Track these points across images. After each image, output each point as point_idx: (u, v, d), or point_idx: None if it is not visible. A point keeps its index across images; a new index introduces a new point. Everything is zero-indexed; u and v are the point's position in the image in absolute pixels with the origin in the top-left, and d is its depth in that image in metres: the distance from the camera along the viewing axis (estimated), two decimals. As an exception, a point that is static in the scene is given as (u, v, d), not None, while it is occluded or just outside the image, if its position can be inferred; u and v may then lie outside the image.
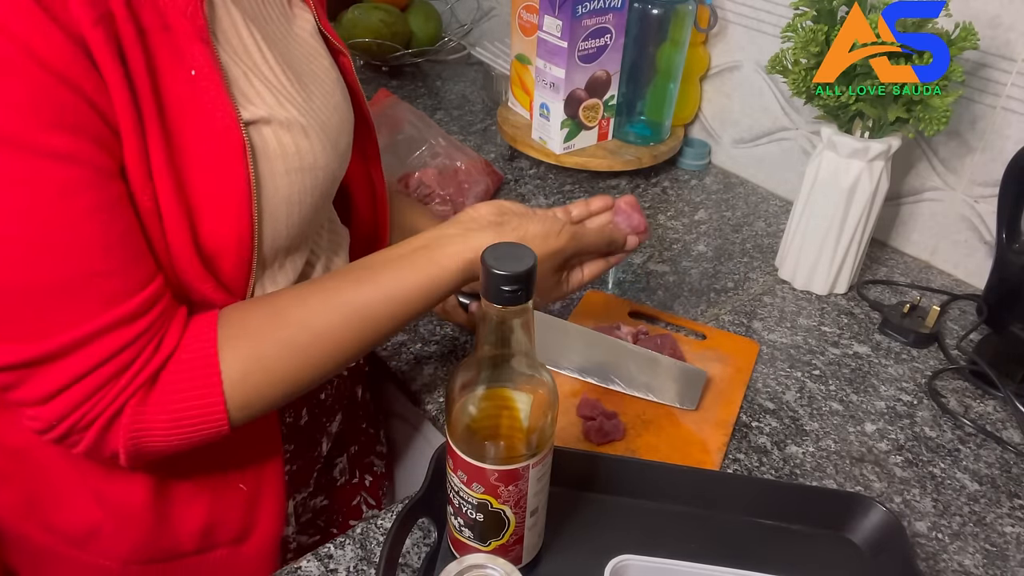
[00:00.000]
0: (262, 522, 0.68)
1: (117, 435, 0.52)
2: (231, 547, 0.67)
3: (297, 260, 0.64)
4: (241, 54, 0.56)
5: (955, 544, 0.65)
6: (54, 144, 0.46)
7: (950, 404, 0.79)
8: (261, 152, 0.56)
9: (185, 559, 0.66)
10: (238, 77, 0.55)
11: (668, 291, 0.93)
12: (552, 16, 1.02)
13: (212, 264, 0.56)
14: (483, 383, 0.51)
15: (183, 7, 0.51)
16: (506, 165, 1.20)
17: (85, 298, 0.49)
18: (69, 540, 0.65)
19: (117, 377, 0.51)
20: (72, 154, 0.47)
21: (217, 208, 0.54)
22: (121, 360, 0.51)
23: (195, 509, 0.65)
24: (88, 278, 0.49)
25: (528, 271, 0.45)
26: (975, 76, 0.88)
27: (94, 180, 0.48)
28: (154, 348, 0.53)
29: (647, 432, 0.73)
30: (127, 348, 0.51)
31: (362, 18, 1.43)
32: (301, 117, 0.58)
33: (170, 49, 0.51)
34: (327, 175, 0.62)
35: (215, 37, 0.54)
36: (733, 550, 0.61)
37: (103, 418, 0.51)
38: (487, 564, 0.47)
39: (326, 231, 0.72)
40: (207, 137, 0.53)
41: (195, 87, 0.52)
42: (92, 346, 0.50)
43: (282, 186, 0.58)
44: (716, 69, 1.17)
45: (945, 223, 0.98)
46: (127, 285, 0.51)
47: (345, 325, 0.58)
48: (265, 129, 0.56)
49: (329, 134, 0.62)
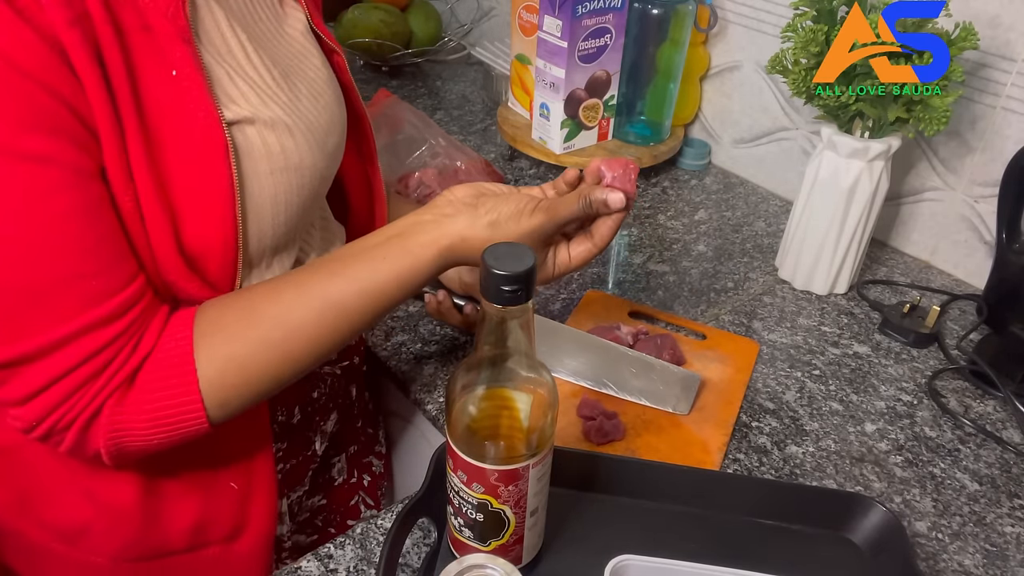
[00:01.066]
0: (254, 520, 0.68)
1: (97, 435, 0.53)
2: (223, 545, 0.68)
3: (285, 259, 0.64)
4: (224, 54, 0.56)
5: (955, 544, 0.65)
6: (31, 147, 0.46)
7: (950, 404, 0.79)
8: (245, 152, 0.56)
9: (176, 556, 0.66)
10: (221, 77, 0.55)
11: (668, 291, 0.93)
12: (552, 16, 1.02)
13: (197, 264, 0.56)
14: (483, 383, 0.51)
15: (164, 8, 0.51)
16: (506, 165, 1.20)
17: (63, 300, 0.49)
18: (61, 537, 0.65)
19: (95, 378, 0.51)
20: (50, 156, 0.47)
21: (200, 209, 0.54)
22: (99, 361, 0.51)
23: (185, 507, 0.65)
24: (67, 280, 0.49)
25: (528, 271, 0.45)
26: (975, 76, 0.88)
27: (73, 182, 0.48)
28: (132, 348, 0.53)
29: (647, 432, 0.73)
30: (105, 349, 0.51)
31: (362, 18, 1.43)
32: (286, 116, 0.58)
33: (150, 49, 0.51)
34: (314, 175, 0.62)
35: (197, 37, 0.54)
36: (733, 550, 0.61)
37: (82, 418, 0.52)
38: (487, 564, 0.47)
39: (318, 229, 0.71)
40: (189, 137, 0.53)
41: (177, 87, 0.52)
42: (70, 347, 0.50)
43: (267, 186, 0.58)
44: (716, 69, 1.17)
45: (945, 223, 0.98)
46: (106, 287, 0.51)
47: (319, 320, 0.57)
48: (249, 129, 0.56)
49: (316, 134, 0.62)
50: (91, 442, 0.53)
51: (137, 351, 0.53)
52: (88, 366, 0.51)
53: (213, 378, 0.54)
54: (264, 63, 0.59)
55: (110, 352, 0.51)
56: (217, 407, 0.55)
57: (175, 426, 0.54)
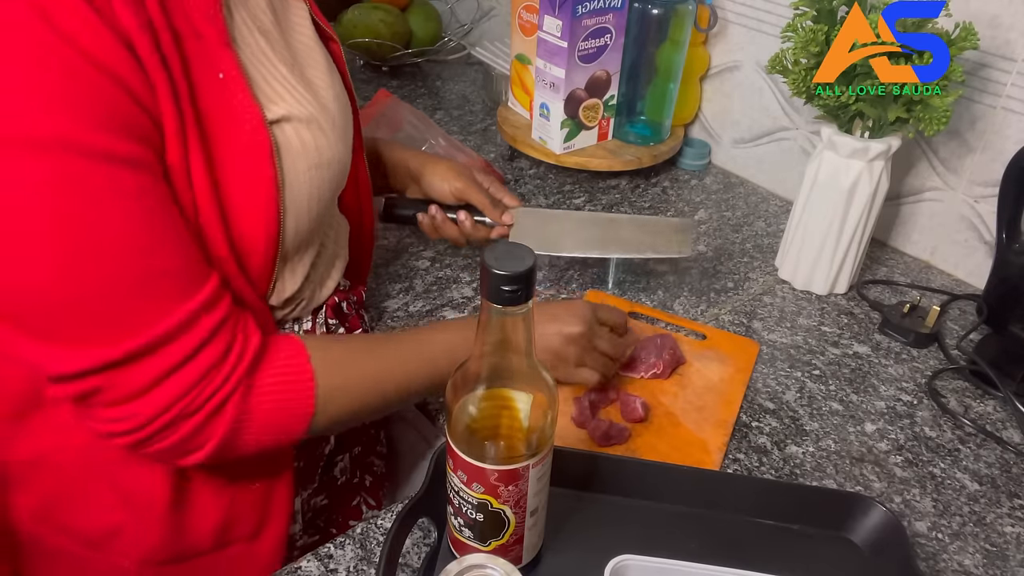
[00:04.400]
0: (274, 518, 0.68)
1: (221, 423, 0.54)
2: (246, 544, 0.68)
3: (311, 251, 0.67)
4: (258, 55, 0.58)
5: (955, 544, 0.65)
6: (108, 145, 0.47)
7: (950, 404, 0.79)
8: (285, 150, 0.58)
9: (201, 557, 0.67)
10: (257, 78, 0.57)
11: (668, 291, 0.93)
12: (552, 16, 1.02)
13: (242, 260, 0.58)
14: (483, 383, 0.51)
15: (205, 11, 0.52)
16: (506, 165, 1.20)
17: (159, 294, 0.51)
18: (86, 541, 0.65)
19: (219, 364, 0.53)
20: (124, 155, 0.48)
21: (248, 207, 0.56)
22: (215, 348, 0.53)
23: (214, 506, 0.65)
24: (157, 275, 0.51)
25: (528, 271, 0.45)
26: (975, 76, 0.88)
27: (152, 181, 0.50)
28: (244, 337, 0.55)
29: (647, 432, 0.73)
30: (216, 336, 0.53)
31: (362, 18, 1.43)
32: (316, 113, 0.60)
33: (202, 54, 0.52)
34: (341, 168, 0.65)
35: (234, 41, 0.56)
36: (733, 550, 0.61)
37: (211, 404, 0.53)
38: (487, 564, 0.47)
39: (335, 223, 0.74)
40: (237, 138, 0.55)
41: (225, 90, 0.54)
42: (181, 337, 0.52)
43: (304, 182, 0.60)
44: (716, 69, 1.17)
45: (945, 223, 0.98)
46: (192, 279, 0.53)
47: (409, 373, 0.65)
48: (287, 127, 0.58)
49: (338, 126, 0.63)
50: (213, 430, 0.54)
51: (249, 343, 0.56)
52: (207, 353, 0.53)
53: (323, 398, 0.58)
54: (283, 61, 0.60)
55: (223, 339, 0.54)
56: (317, 425, 0.59)
57: (282, 433, 0.58)
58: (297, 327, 0.70)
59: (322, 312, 0.72)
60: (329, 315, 0.73)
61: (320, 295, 0.72)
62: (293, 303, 0.68)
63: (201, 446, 0.55)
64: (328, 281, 0.72)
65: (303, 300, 0.69)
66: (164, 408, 0.52)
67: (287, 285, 0.65)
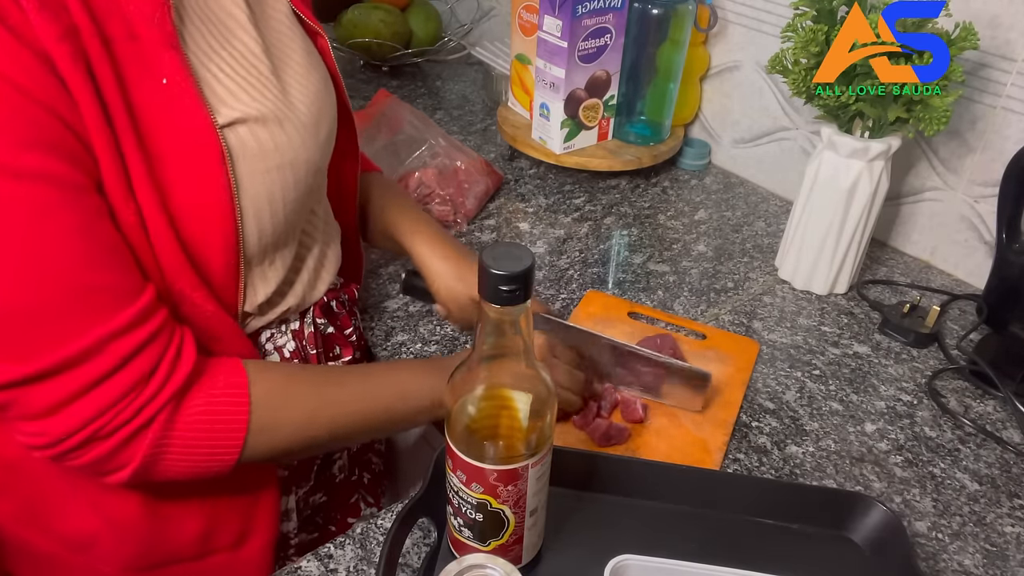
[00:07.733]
0: (259, 526, 0.68)
1: (140, 446, 0.52)
2: (229, 552, 0.68)
3: (287, 254, 0.64)
4: (210, 54, 0.56)
5: (955, 544, 0.65)
6: (30, 164, 0.46)
7: (950, 404, 0.79)
8: (239, 153, 0.56)
9: (183, 564, 0.66)
10: (208, 79, 0.55)
11: (668, 291, 0.93)
12: (552, 16, 1.02)
13: (201, 270, 0.56)
14: (482, 383, 0.50)
15: (150, 14, 0.50)
16: (506, 165, 1.20)
17: (75, 314, 0.49)
18: (70, 546, 0.65)
19: (142, 385, 0.51)
20: (48, 173, 0.47)
21: (200, 214, 0.54)
22: (136, 368, 0.51)
23: (191, 517, 0.65)
24: (76, 294, 0.49)
25: (526, 271, 0.45)
26: (975, 76, 0.88)
27: (72, 197, 0.48)
28: (173, 357, 0.53)
29: (647, 432, 0.73)
30: (137, 355, 0.51)
31: (362, 18, 1.43)
32: (276, 109, 0.58)
33: (138, 58, 0.50)
34: (308, 168, 0.62)
35: (184, 41, 0.54)
36: (733, 550, 0.61)
37: (131, 426, 0.52)
38: (487, 564, 0.47)
39: (321, 221, 0.71)
40: (184, 145, 0.53)
41: (168, 95, 0.52)
42: (97, 357, 0.50)
43: (262, 184, 0.58)
44: (716, 69, 1.17)
45: (945, 223, 0.98)
46: (117, 298, 0.51)
47: (364, 410, 0.64)
48: (241, 129, 0.56)
49: (307, 124, 0.61)
50: (129, 453, 0.53)
51: (180, 362, 0.53)
52: (127, 372, 0.51)
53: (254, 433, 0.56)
54: (248, 56, 0.58)
55: (146, 360, 0.52)
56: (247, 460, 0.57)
57: (208, 460, 0.56)
58: (284, 327, 0.69)
59: (310, 312, 0.71)
60: (317, 315, 0.72)
61: (311, 296, 0.70)
62: (274, 307, 0.66)
63: (122, 466, 0.53)
64: (319, 283, 0.71)
65: (287, 304, 0.67)
66: (76, 428, 0.50)
67: (259, 290, 0.63)
